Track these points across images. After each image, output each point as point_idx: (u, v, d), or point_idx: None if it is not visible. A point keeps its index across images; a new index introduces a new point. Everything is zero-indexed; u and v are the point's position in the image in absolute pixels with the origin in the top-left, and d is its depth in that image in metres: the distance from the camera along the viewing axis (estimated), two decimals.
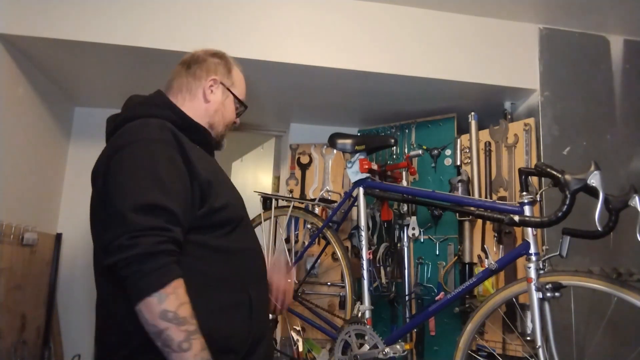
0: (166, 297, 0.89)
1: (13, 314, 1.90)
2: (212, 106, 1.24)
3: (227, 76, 1.28)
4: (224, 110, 1.28)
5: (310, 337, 2.19)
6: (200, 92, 1.24)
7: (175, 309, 0.89)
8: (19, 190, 1.99)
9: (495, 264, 1.41)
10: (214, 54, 1.29)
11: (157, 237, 0.92)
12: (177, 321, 0.89)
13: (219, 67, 1.27)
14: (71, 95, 2.40)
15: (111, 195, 0.97)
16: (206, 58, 1.27)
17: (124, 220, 0.92)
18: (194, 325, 0.91)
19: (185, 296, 0.92)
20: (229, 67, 1.30)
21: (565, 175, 1.22)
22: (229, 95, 1.29)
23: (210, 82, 1.25)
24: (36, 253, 2.09)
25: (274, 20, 1.96)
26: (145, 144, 1.02)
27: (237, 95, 1.30)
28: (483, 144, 2.10)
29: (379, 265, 2.11)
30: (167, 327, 0.88)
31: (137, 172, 0.98)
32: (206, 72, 1.25)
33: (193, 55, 1.28)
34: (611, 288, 1.21)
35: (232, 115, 1.31)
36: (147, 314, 0.89)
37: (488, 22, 2.11)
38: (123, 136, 1.05)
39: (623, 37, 2.14)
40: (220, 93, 1.26)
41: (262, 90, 2.25)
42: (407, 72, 2.01)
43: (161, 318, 0.88)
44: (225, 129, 1.29)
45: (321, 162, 2.53)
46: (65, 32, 1.79)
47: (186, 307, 0.91)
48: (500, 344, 1.89)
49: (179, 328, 0.89)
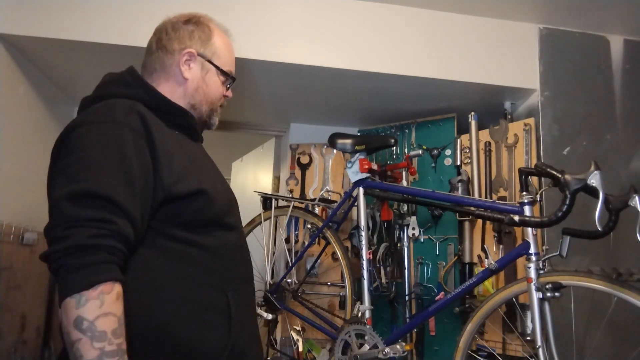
0: (86, 302, 0.74)
1: (13, 314, 1.89)
2: (190, 84, 1.06)
3: (205, 45, 1.09)
4: (206, 87, 1.09)
5: (310, 337, 2.19)
6: (176, 68, 1.05)
7: (93, 318, 0.74)
8: (19, 190, 1.99)
9: (495, 264, 1.41)
10: (187, 20, 1.09)
11: (95, 230, 0.78)
12: (91, 334, 0.73)
13: (194, 36, 1.08)
14: (71, 95, 2.40)
15: (53, 180, 0.87)
16: (179, 27, 1.08)
17: (60, 208, 0.79)
18: (114, 345, 0.75)
19: (114, 306, 0.76)
20: (208, 34, 1.10)
21: (565, 175, 1.22)
22: (211, 68, 1.09)
23: (185, 55, 1.06)
24: (36, 253, 2.09)
25: (274, 19, 1.96)
26: (104, 125, 0.88)
27: (220, 67, 1.11)
28: (483, 144, 2.10)
29: (379, 265, 2.11)
30: (78, 339, 0.73)
31: (87, 156, 0.85)
32: (178, 43, 1.06)
33: (164, 24, 1.09)
34: (611, 288, 1.21)
35: (218, 91, 1.12)
36: (64, 318, 0.74)
37: (488, 22, 2.11)
38: (82, 116, 0.92)
39: (623, 37, 2.13)
40: (198, 67, 1.08)
41: (262, 90, 2.25)
42: (407, 72, 2.01)
43: (75, 326, 0.73)
44: (210, 107, 1.11)
45: (321, 162, 2.53)
46: (65, 32, 1.79)
47: (110, 319, 0.75)
48: (500, 344, 1.89)
49: (91, 344, 0.73)
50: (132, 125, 0.89)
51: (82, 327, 0.73)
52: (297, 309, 2.05)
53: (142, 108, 0.94)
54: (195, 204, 0.94)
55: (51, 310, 2.20)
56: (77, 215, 0.78)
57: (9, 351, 1.84)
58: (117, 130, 0.88)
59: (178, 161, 0.94)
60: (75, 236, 0.76)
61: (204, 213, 0.96)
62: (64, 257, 0.76)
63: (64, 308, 0.75)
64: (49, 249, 0.78)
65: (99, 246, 0.78)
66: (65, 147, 0.88)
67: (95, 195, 0.80)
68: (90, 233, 0.77)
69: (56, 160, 0.90)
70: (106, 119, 0.89)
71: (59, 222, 0.79)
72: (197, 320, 0.91)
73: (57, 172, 0.87)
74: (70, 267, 0.76)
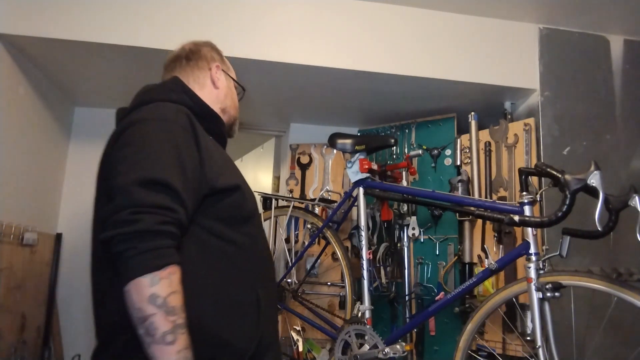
0: (159, 281, 0.82)
1: (13, 314, 1.90)
2: (222, 91, 1.25)
3: (222, 62, 1.30)
4: (232, 93, 1.30)
5: (310, 337, 2.19)
6: (208, 80, 1.24)
7: (166, 295, 0.82)
8: (19, 190, 1.99)
9: (495, 264, 1.41)
10: (204, 44, 1.29)
11: (162, 217, 0.85)
12: (165, 309, 0.81)
13: (214, 54, 1.29)
14: (71, 95, 2.40)
15: (118, 167, 0.91)
16: (200, 49, 1.27)
17: (128, 194, 0.86)
18: (182, 319, 0.84)
19: (179, 285, 0.85)
20: (221, 54, 1.32)
21: (565, 175, 1.22)
22: (230, 79, 1.31)
23: (215, 68, 1.26)
24: (36, 253, 2.09)
25: (274, 20, 1.96)
26: (158, 122, 0.98)
27: (234, 79, 1.33)
28: (483, 144, 2.10)
29: (379, 265, 2.11)
30: (154, 314, 0.81)
31: (147, 148, 0.93)
32: (206, 61, 1.25)
33: (185, 49, 1.26)
34: (611, 288, 1.21)
35: (237, 98, 1.33)
36: (135, 295, 0.81)
37: (488, 22, 2.11)
38: (137, 114, 1.01)
39: (623, 37, 2.13)
40: (224, 78, 1.27)
41: (263, 90, 2.25)
42: (407, 72, 2.01)
43: (150, 302, 0.81)
44: (235, 111, 1.31)
45: (321, 162, 2.53)
46: (65, 32, 1.79)
47: (177, 296, 0.84)
48: (500, 344, 1.89)
49: (166, 317, 0.81)
50: (182, 123, 1.00)
51: (157, 303, 0.81)
52: (297, 309, 2.05)
53: (187, 111, 1.05)
54: (232, 198, 1.03)
55: (51, 310, 2.20)
56: (144, 201, 0.85)
57: (9, 351, 1.84)
58: (170, 127, 0.97)
59: (216, 159, 1.04)
60: (144, 221, 0.83)
61: (240, 208, 1.05)
62: (131, 240, 0.82)
63: (136, 286, 0.81)
64: (115, 231, 0.83)
65: (165, 232, 0.85)
66: (125, 140, 0.96)
67: (160, 183, 0.88)
68: (158, 220, 0.84)
69: (116, 151, 0.96)
70: (160, 117, 0.99)
71: (126, 205, 0.84)
72: (230, 313, 0.97)
73: (119, 161, 0.93)
74: (141, 249, 0.82)
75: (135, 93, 1.17)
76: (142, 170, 0.89)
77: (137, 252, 0.82)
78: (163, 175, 0.88)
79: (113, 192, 0.88)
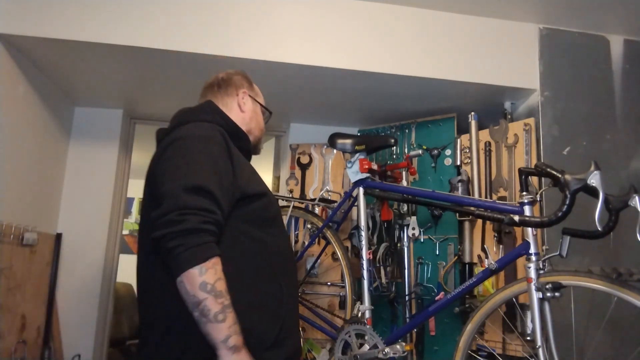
0: (206, 271, 0.97)
1: (13, 314, 1.90)
2: (247, 115, 1.42)
3: (250, 89, 1.48)
4: (257, 116, 1.47)
5: (310, 337, 2.19)
6: (235, 104, 1.41)
7: (213, 282, 0.98)
8: (19, 190, 1.99)
9: (495, 264, 1.41)
10: (235, 73, 1.48)
11: (204, 217, 1.01)
12: (214, 293, 0.97)
13: (243, 82, 1.46)
14: (71, 95, 2.40)
15: (165, 176, 1.09)
16: (231, 77, 1.46)
17: (176, 198, 1.02)
18: (228, 300, 0.99)
19: (221, 273, 1.01)
20: (250, 81, 1.50)
21: (565, 175, 1.22)
22: (257, 104, 1.48)
23: (242, 94, 1.43)
24: (36, 253, 2.09)
25: (274, 20, 1.96)
26: (198, 138, 1.16)
27: (261, 104, 1.50)
28: (483, 144, 2.10)
29: (379, 265, 2.11)
30: (205, 298, 0.96)
31: (190, 159, 1.10)
32: (235, 87, 1.43)
33: (218, 78, 1.46)
34: (611, 288, 1.21)
35: (262, 121, 1.50)
36: (188, 284, 0.97)
37: (488, 22, 2.11)
38: (178, 132, 1.18)
39: (623, 37, 2.13)
40: (250, 103, 1.44)
41: (262, 90, 2.24)
42: (407, 72, 2.01)
43: (201, 289, 0.96)
44: (261, 133, 1.48)
45: (321, 162, 2.53)
46: (65, 32, 1.79)
47: (222, 282, 1.00)
48: (500, 344, 1.89)
49: (216, 300, 0.97)
50: (217, 140, 1.17)
51: (207, 289, 0.97)
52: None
53: (220, 129, 1.22)
54: (259, 203, 1.21)
55: (51, 310, 2.20)
56: (189, 204, 1.01)
57: (9, 351, 1.84)
58: (208, 142, 1.15)
59: (246, 170, 1.23)
60: (190, 221, 0.99)
61: (267, 211, 1.23)
62: (180, 237, 0.98)
63: (188, 277, 0.97)
64: (166, 230, 0.98)
65: (207, 230, 1.01)
66: (170, 154, 1.13)
67: (202, 189, 1.04)
68: (202, 219, 1.01)
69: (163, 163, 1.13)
70: (199, 135, 1.17)
71: (174, 208, 1.00)
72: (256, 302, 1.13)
73: (166, 171, 1.10)
74: (189, 245, 0.98)
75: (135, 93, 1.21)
76: (186, 178, 1.05)
77: (185, 248, 0.97)
78: (204, 183, 1.05)
79: (162, 197, 1.04)
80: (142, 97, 2.42)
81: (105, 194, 2.47)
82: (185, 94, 2.36)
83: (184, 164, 1.09)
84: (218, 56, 1.89)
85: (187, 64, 1.97)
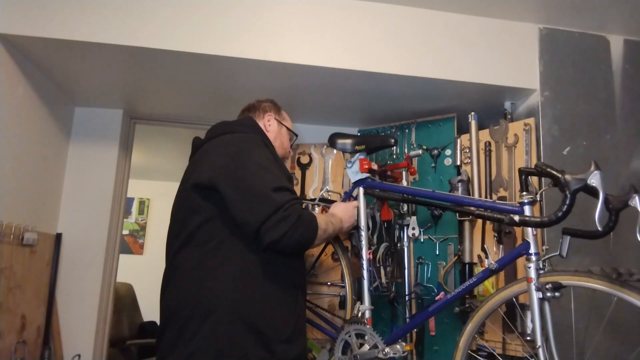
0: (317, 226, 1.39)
1: (13, 314, 1.90)
2: (271, 135, 1.64)
3: (277, 113, 1.71)
4: (282, 137, 1.69)
5: (310, 337, 2.19)
6: (262, 125, 1.63)
7: (325, 227, 1.45)
8: (19, 190, 1.99)
9: (495, 264, 1.41)
10: (266, 100, 1.73)
11: (299, 204, 1.34)
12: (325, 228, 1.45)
13: (271, 108, 1.70)
14: (71, 95, 2.40)
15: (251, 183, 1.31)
16: (260, 103, 1.70)
17: (271, 199, 1.27)
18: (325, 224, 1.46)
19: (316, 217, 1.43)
20: (278, 107, 1.73)
21: (565, 175, 1.22)
22: (282, 126, 1.70)
23: (268, 117, 1.67)
24: (36, 253, 2.09)
25: (274, 19, 1.96)
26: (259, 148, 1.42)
27: (287, 127, 1.72)
28: (483, 144, 2.10)
29: (379, 265, 2.10)
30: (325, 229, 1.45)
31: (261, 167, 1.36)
32: (263, 111, 1.68)
33: (252, 103, 1.72)
34: (611, 288, 1.21)
35: (287, 142, 1.73)
36: (321, 233, 1.41)
37: (488, 22, 2.11)
38: (236, 143, 1.42)
39: (623, 37, 2.14)
40: (275, 125, 1.68)
41: (262, 90, 2.25)
42: (407, 72, 2.01)
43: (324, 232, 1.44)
44: (284, 153, 1.71)
45: (321, 162, 2.53)
46: (65, 32, 1.79)
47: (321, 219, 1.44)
48: (500, 344, 1.89)
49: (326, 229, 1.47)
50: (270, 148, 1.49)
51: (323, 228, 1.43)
52: None
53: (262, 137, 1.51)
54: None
55: (51, 310, 2.20)
56: (285, 200, 1.29)
57: (9, 351, 1.84)
58: (265, 150, 1.44)
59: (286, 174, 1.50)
60: (296, 210, 1.31)
61: None
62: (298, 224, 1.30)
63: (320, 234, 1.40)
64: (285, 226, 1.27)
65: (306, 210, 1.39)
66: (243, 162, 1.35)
67: (285, 188, 1.34)
68: (298, 205, 1.33)
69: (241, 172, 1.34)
70: (258, 145, 1.44)
71: (276, 205, 1.27)
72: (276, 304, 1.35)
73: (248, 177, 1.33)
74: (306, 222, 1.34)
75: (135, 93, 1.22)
76: (272, 182, 1.31)
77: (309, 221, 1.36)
78: (283, 183, 1.35)
79: (255, 200, 1.28)
80: (142, 97, 2.42)
81: (105, 194, 2.47)
82: (185, 94, 2.37)
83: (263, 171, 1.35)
84: (218, 56, 1.89)
85: (187, 64, 1.97)
